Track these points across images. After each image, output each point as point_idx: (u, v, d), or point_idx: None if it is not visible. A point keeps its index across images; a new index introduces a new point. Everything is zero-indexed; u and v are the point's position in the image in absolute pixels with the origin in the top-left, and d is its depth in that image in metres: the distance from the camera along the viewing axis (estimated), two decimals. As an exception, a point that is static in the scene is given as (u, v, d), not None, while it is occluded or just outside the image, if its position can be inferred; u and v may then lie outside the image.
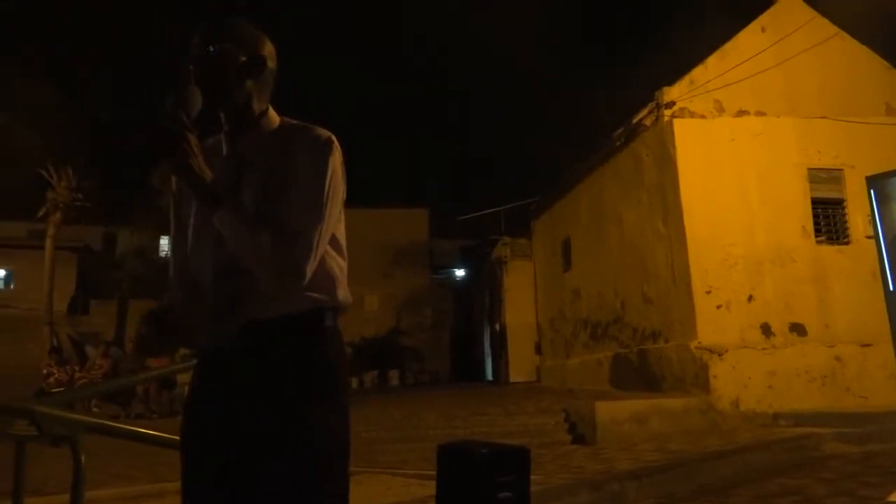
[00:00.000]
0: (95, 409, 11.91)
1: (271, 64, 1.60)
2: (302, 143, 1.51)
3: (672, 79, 9.57)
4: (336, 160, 1.50)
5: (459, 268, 26.27)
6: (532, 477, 2.81)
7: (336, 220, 1.52)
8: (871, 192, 6.01)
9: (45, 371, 13.27)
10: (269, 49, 1.60)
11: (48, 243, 19.00)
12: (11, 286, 23.08)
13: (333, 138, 1.52)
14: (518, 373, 16.01)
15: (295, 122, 1.59)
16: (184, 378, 12.19)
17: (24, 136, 18.81)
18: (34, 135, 18.74)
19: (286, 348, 1.45)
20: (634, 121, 10.34)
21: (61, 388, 12.06)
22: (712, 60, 9.55)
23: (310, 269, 1.41)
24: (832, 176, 9.50)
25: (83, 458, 2.47)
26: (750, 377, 8.45)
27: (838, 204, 9.53)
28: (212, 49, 1.51)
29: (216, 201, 1.38)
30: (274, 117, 1.60)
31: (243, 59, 1.53)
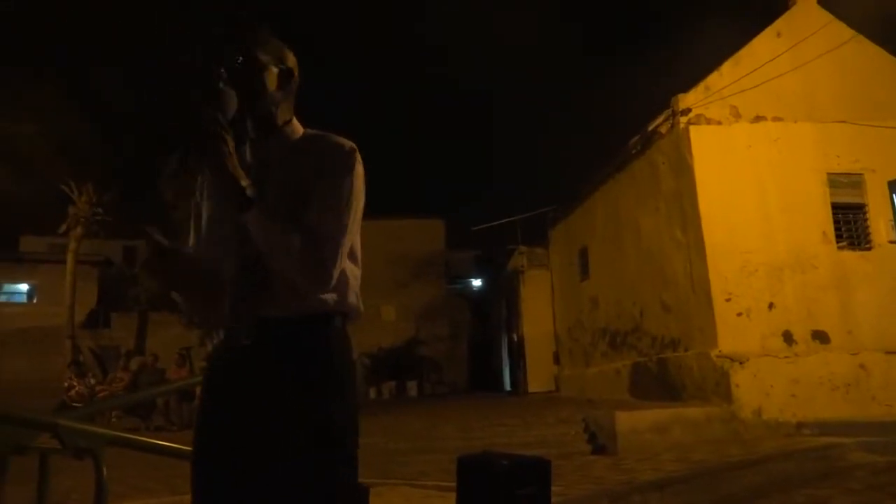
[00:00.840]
0: (115, 420, 11.99)
1: (296, 75, 1.66)
2: (326, 151, 1.56)
3: (687, 85, 9.53)
4: (358, 169, 1.56)
5: (475, 278, 26.23)
6: (553, 488, 2.79)
7: (357, 228, 1.57)
8: (894, 196, 5.93)
9: (66, 384, 13.40)
10: (293, 61, 1.66)
11: (69, 257, 19.26)
12: (34, 300, 23.37)
13: (356, 148, 1.58)
14: (536, 383, 15.92)
15: (318, 132, 1.65)
16: (203, 390, 12.27)
17: (45, 152, 19.13)
18: (55, 150, 19.05)
19: (296, 347, 1.49)
20: (650, 128, 10.30)
21: (82, 401, 12.16)
22: (727, 66, 9.50)
23: (336, 272, 1.48)
24: (852, 181, 9.39)
25: (105, 470, 2.49)
26: (772, 386, 8.34)
27: (859, 209, 9.41)
28: (243, 58, 1.55)
29: (249, 202, 1.41)
30: (298, 127, 1.65)
31: (273, 69, 1.59)
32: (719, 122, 9.33)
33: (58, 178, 19.45)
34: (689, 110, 9.33)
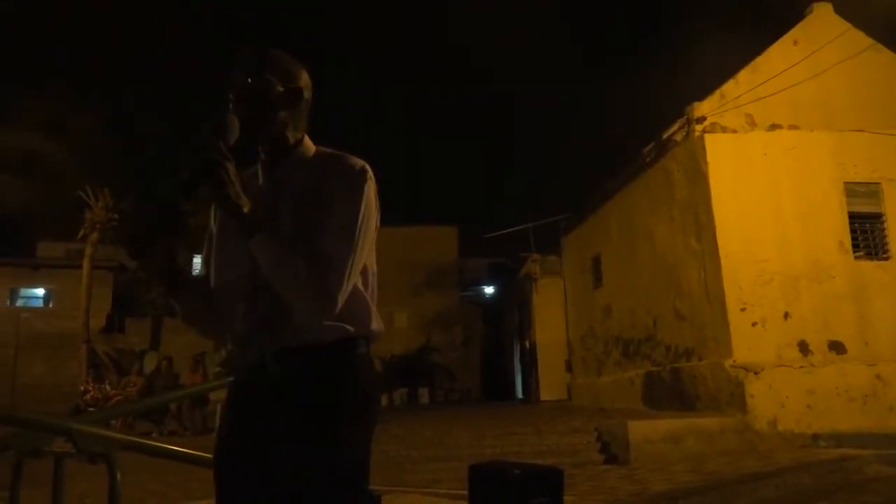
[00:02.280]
0: (131, 422, 12.06)
1: (307, 94, 1.64)
2: (337, 171, 1.54)
3: (703, 94, 9.49)
4: (370, 189, 1.53)
5: (488, 285, 26.19)
6: (565, 498, 2.77)
7: (370, 249, 1.54)
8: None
9: (81, 388, 13.50)
10: (305, 80, 1.64)
11: (86, 263, 19.43)
12: (50, 304, 23.59)
13: (368, 168, 1.56)
14: (548, 391, 15.85)
15: (330, 151, 1.63)
16: (216, 396, 12.30)
17: (62, 159, 19.35)
18: (72, 157, 19.28)
19: (318, 376, 1.48)
20: (665, 136, 10.26)
21: (97, 405, 12.25)
22: (743, 74, 9.46)
23: (342, 297, 1.44)
24: (870, 190, 9.30)
25: (119, 474, 2.50)
26: (787, 396, 8.25)
27: (877, 218, 9.32)
28: (251, 80, 1.55)
29: (252, 228, 1.40)
30: (309, 146, 1.64)
31: (281, 89, 1.58)
32: (735, 131, 9.28)
33: (75, 184, 19.67)
34: (704, 118, 9.29)
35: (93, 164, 19.36)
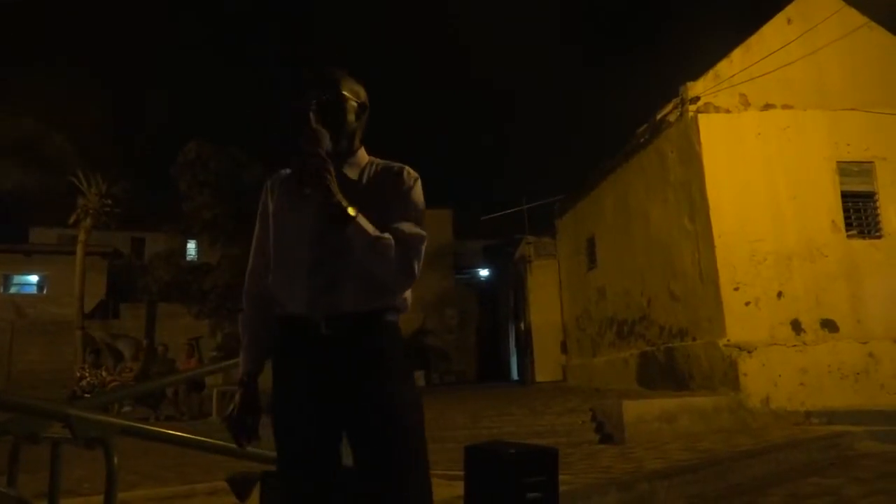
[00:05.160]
0: (127, 409, 12.09)
1: (368, 107, 1.99)
2: (403, 176, 1.91)
3: (696, 73, 9.46)
4: (421, 190, 1.93)
5: (483, 268, 26.21)
6: (560, 477, 2.80)
7: None
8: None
9: (77, 374, 13.51)
10: (365, 94, 1.99)
11: (79, 248, 19.34)
12: (44, 291, 23.53)
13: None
14: (544, 372, 15.94)
15: (380, 159, 1.98)
16: (212, 380, 12.33)
17: (54, 143, 19.19)
18: (65, 142, 19.11)
19: (372, 337, 1.81)
20: (658, 117, 10.24)
21: (92, 392, 12.25)
22: (737, 54, 9.42)
23: (418, 272, 1.80)
24: (863, 169, 9.32)
25: (116, 459, 2.51)
26: (780, 375, 8.32)
27: (869, 197, 9.35)
28: (329, 96, 1.87)
29: (347, 216, 1.70)
30: (364, 151, 1.98)
31: (354, 104, 1.92)
32: (728, 111, 9.26)
33: (67, 169, 19.51)
34: (697, 98, 9.26)
35: (85, 149, 19.15)
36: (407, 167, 1.94)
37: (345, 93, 1.90)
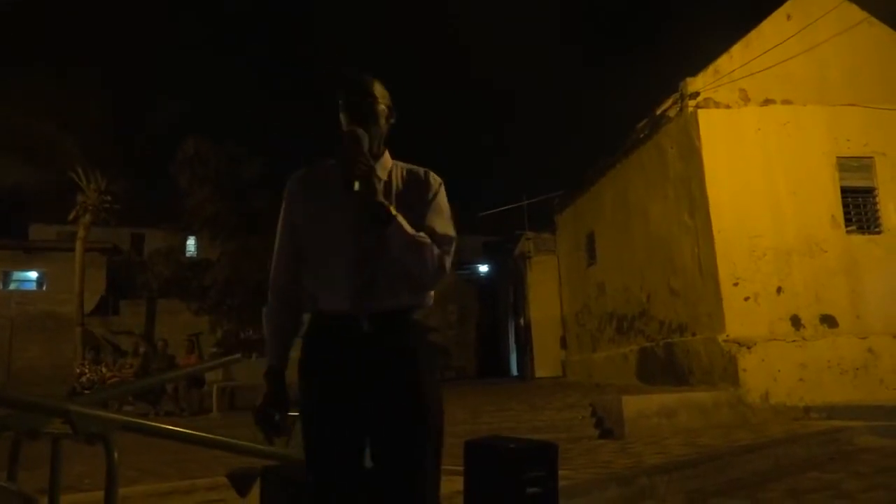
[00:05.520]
0: (129, 407, 12.11)
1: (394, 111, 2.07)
2: (429, 180, 2.01)
3: (696, 69, 9.45)
4: (445, 194, 2.03)
5: (483, 264, 26.21)
6: (560, 472, 2.80)
7: None
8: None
9: (77, 370, 13.52)
10: (390, 99, 2.05)
11: (78, 245, 19.34)
12: (44, 287, 23.51)
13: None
14: (543, 368, 15.95)
15: (403, 163, 2.06)
16: (212, 377, 12.35)
17: (54, 140, 19.17)
18: (64, 139, 19.08)
19: (407, 333, 1.89)
20: (658, 112, 10.23)
21: (92, 388, 12.26)
22: (737, 49, 9.41)
23: (449, 270, 1.90)
24: (862, 164, 9.32)
25: (116, 455, 2.51)
26: (780, 370, 8.33)
27: (869, 192, 9.35)
28: (370, 101, 1.95)
29: (390, 216, 1.78)
30: (388, 154, 2.04)
31: (384, 107, 1.99)
32: (728, 106, 9.25)
33: (67, 166, 19.48)
34: (697, 94, 9.25)
35: (84, 145, 19.12)
36: (431, 171, 2.03)
37: (377, 96, 1.97)
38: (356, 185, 1.76)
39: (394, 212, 1.79)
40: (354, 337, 1.83)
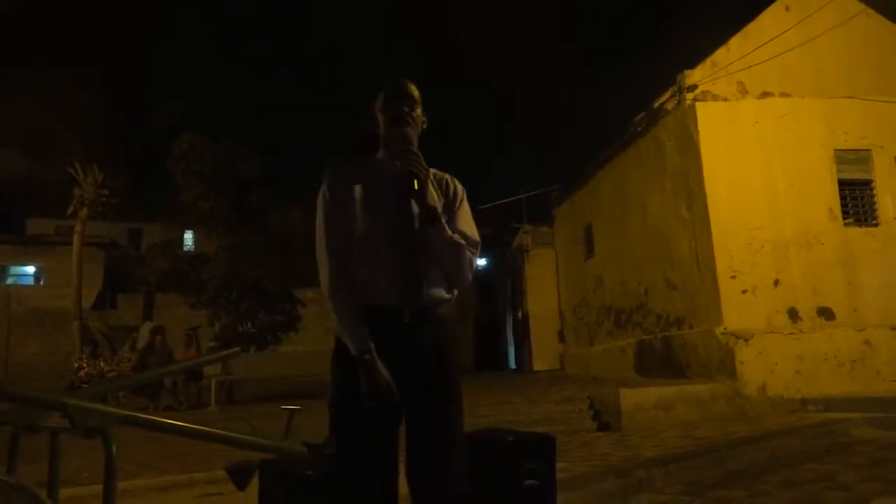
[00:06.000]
0: (124, 400, 12.10)
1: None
2: (457, 187, 2.15)
3: (694, 61, 9.43)
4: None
5: (480, 257, 26.24)
6: (558, 464, 2.81)
7: None
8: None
9: (76, 365, 13.51)
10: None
11: (76, 239, 19.28)
12: (41, 282, 23.48)
13: None
14: (541, 361, 15.99)
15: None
16: (211, 370, 12.35)
17: (52, 135, 19.10)
18: (62, 134, 19.01)
19: (441, 328, 2.02)
20: (656, 105, 10.22)
21: (90, 382, 12.24)
22: (735, 41, 9.40)
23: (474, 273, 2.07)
24: (860, 157, 9.32)
25: (115, 449, 2.51)
26: (777, 362, 8.36)
27: (866, 185, 9.36)
28: (417, 108, 2.08)
29: (438, 217, 1.95)
30: None
31: (419, 112, 2.10)
32: (726, 99, 9.25)
33: (65, 160, 19.41)
34: (695, 86, 9.24)
35: (82, 140, 19.04)
36: (454, 178, 2.17)
37: (417, 99, 2.10)
38: (416, 185, 1.89)
39: (439, 213, 1.95)
40: (398, 327, 1.94)
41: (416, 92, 2.09)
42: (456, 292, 2.10)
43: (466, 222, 2.08)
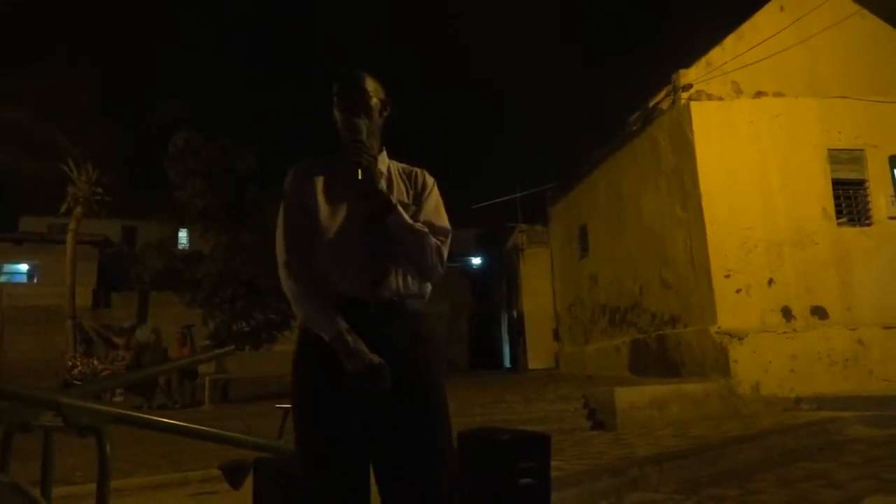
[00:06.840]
0: (119, 399, 12.06)
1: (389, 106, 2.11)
2: (425, 179, 2.09)
3: (688, 61, 9.45)
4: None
5: (475, 256, 26.24)
6: (553, 463, 2.82)
7: None
8: (895, 172, 5.91)
9: (69, 363, 13.46)
10: (383, 93, 2.09)
11: (69, 237, 19.18)
12: (35, 280, 23.38)
13: None
14: (536, 360, 16.01)
15: (399, 163, 2.12)
16: (205, 369, 12.31)
17: (44, 132, 19.01)
18: (55, 130, 18.93)
19: (411, 324, 1.93)
20: (651, 104, 10.24)
21: (84, 381, 12.20)
22: (730, 41, 9.42)
23: (444, 263, 1.99)
24: (853, 156, 9.36)
25: (109, 447, 2.50)
26: (771, 361, 8.39)
27: (860, 185, 9.39)
28: (369, 96, 2.01)
29: (393, 206, 1.86)
30: (385, 152, 2.09)
31: (376, 100, 2.03)
32: (721, 98, 9.27)
33: (58, 158, 19.32)
34: (690, 86, 9.26)
35: (76, 138, 18.95)
36: (424, 171, 2.12)
37: (370, 91, 2.01)
38: (360, 174, 1.82)
39: (394, 201, 1.86)
40: (364, 322, 1.84)
41: (368, 81, 2.02)
42: (429, 286, 2.03)
43: (433, 212, 2.02)
